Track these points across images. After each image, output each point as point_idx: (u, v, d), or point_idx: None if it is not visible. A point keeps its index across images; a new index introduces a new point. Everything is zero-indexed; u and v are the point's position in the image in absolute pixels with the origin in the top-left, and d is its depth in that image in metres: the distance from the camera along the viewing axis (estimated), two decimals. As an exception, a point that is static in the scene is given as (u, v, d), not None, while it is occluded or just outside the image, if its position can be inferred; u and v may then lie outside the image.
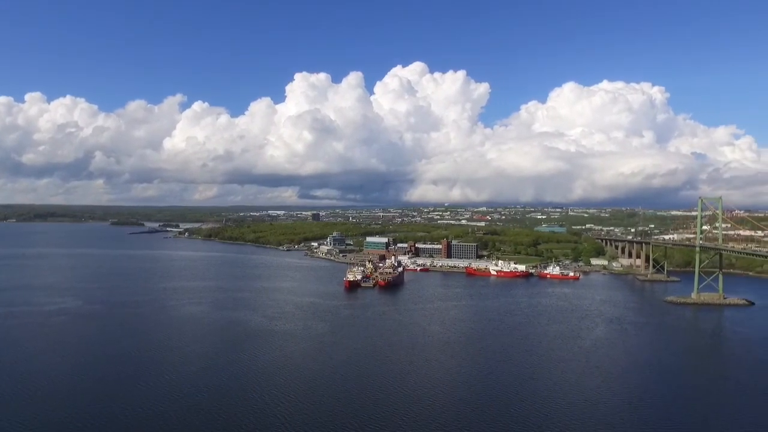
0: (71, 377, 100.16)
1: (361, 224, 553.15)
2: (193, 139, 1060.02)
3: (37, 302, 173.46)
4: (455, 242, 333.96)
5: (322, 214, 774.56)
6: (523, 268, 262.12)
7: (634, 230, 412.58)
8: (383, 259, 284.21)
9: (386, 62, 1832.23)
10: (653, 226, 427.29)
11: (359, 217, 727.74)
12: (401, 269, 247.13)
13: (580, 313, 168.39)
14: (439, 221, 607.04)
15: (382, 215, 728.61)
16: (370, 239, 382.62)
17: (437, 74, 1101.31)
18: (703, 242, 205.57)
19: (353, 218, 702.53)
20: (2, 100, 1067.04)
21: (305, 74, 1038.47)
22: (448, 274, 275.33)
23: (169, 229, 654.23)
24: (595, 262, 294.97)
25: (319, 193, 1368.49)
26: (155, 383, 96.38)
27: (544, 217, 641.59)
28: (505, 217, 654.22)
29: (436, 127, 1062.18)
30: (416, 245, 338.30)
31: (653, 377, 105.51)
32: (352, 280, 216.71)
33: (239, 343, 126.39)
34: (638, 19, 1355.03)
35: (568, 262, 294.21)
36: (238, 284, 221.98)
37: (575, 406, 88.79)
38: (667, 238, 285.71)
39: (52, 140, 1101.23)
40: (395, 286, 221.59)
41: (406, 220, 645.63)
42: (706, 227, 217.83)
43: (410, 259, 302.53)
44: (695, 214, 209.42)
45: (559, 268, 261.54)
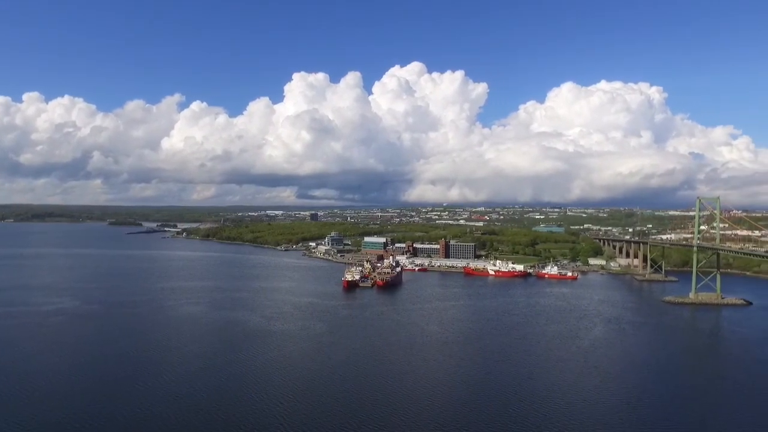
0: (69, 377, 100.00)
1: (359, 224, 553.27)
2: (191, 139, 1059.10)
3: (35, 302, 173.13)
4: (453, 242, 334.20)
5: (320, 214, 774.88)
6: (521, 268, 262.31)
7: (632, 230, 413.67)
8: (381, 259, 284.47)
9: (384, 62, 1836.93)
10: (651, 226, 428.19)
11: (357, 217, 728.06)
12: (399, 269, 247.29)
13: (578, 313, 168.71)
14: (437, 221, 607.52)
15: (380, 215, 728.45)
16: (368, 239, 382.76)
17: (435, 74, 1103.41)
18: (700, 242, 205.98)
19: (351, 218, 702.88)
20: (0, 99, 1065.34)
21: (303, 74, 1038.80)
22: (446, 274, 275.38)
23: (167, 229, 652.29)
24: (593, 262, 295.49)
25: (317, 193, 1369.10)
26: (153, 383, 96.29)
27: (542, 217, 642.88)
28: (503, 217, 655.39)
29: (434, 127, 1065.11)
30: (414, 245, 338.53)
31: (651, 377, 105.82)
32: (350, 280, 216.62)
33: (237, 343, 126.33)
34: (636, 19, 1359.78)
35: (566, 262, 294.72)
36: (236, 284, 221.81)
37: (574, 406, 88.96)
38: (664, 237, 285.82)
39: (49, 140, 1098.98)
40: (393, 286, 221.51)
41: (404, 220, 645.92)
42: (703, 227, 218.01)
43: (408, 259, 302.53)
44: (693, 214, 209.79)
45: (557, 268, 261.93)
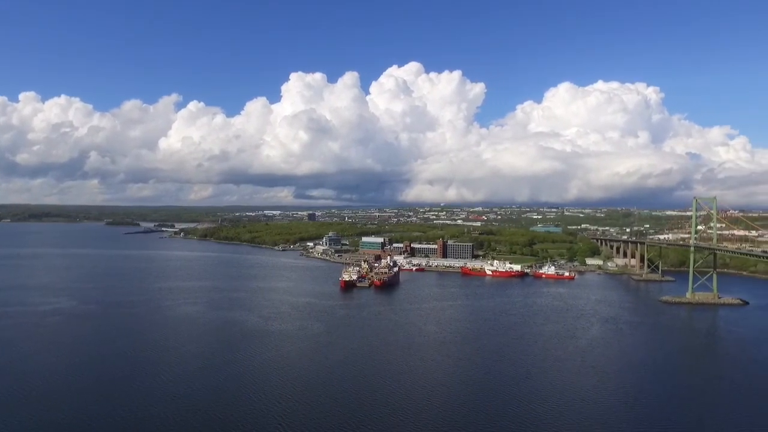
0: (66, 377, 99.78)
1: (356, 224, 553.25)
2: (188, 138, 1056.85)
3: (32, 302, 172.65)
4: (451, 242, 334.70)
5: (318, 214, 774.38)
6: (518, 267, 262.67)
7: (629, 230, 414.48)
8: (379, 259, 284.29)
9: (382, 62, 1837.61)
10: (648, 226, 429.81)
11: (355, 217, 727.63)
12: (397, 269, 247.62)
13: (575, 312, 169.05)
14: (434, 221, 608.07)
15: (377, 215, 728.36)
16: (365, 239, 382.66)
17: (433, 74, 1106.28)
18: (697, 242, 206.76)
19: (349, 218, 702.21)
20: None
21: (301, 74, 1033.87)
22: (443, 274, 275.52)
23: (164, 229, 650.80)
24: (590, 261, 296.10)
25: (314, 193, 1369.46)
26: (151, 383, 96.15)
27: (539, 217, 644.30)
28: (500, 217, 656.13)
29: (431, 127, 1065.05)
30: (412, 245, 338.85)
31: (648, 377, 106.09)
32: (347, 280, 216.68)
33: (235, 343, 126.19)
34: (633, 19, 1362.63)
35: (563, 261, 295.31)
36: (233, 284, 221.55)
37: (571, 405, 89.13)
38: (661, 237, 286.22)
39: (46, 140, 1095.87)
40: (391, 286, 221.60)
41: (401, 220, 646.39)
42: (700, 227, 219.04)
43: (406, 259, 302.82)
44: (690, 214, 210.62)
45: (554, 267, 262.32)
